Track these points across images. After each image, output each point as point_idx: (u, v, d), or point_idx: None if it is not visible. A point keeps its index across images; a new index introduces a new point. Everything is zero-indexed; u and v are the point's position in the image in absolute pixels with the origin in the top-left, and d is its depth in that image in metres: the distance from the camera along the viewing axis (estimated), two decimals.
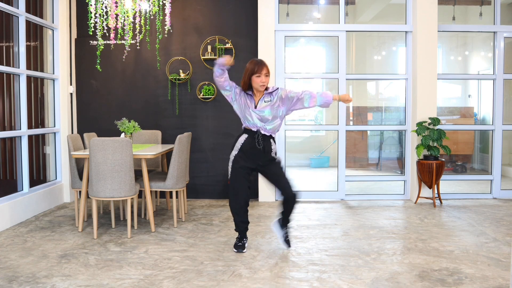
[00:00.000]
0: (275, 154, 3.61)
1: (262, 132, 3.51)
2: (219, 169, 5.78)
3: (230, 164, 3.57)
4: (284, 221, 3.71)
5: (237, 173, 3.52)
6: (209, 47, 5.66)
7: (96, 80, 5.79)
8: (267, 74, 3.48)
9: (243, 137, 3.54)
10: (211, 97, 5.70)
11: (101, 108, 5.80)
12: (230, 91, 3.55)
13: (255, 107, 3.49)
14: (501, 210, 5.14)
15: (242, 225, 3.65)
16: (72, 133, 5.69)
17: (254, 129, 3.52)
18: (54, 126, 5.50)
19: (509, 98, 7.03)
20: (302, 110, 3.61)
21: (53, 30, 5.44)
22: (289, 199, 3.54)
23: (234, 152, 3.55)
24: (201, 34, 5.71)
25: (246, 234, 3.72)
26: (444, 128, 5.58)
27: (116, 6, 4.60)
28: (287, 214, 3.64)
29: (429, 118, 5.39)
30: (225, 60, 3.40)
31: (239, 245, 3.64)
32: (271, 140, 3.57)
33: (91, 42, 5.73)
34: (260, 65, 3.46)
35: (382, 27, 6.27)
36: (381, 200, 5.69)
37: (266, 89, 3.55)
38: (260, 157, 3.53)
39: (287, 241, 3.73)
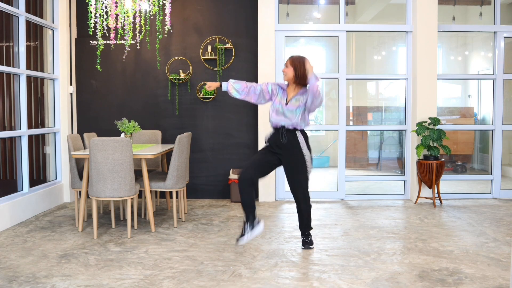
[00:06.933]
0: (306, 147, 3.58)
1: (286, 127, 3.58)
2: (219, 169, 5.78)
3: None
4: (301, 230, 3.73)
5: (258, 154, 3.72)
6: (209, 47, 5.66)
7: (96, 80, 5.79)
8: (287, 65, 3.61)
9: (270, 132, 3.70)
10: (211, 97, 5.70)
11: (101, 108, 5.80)
12: (266, 97, 3.72)
13: (286, 103, 3.58)
14: (501, 210, 5.14)
15: (246, 201, 3.45)
16: (72, 133, 5.69)
17: (279, 127, 3.61)
18: (54, 126, 5.50)
19: (509, 98, 7.03)
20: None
21: (53, 30, 5.44)
22: (298, 202, 3.62)
23: (264, 144, 3.75)
24: (201, 34, 5.71)
25: (251, 218, 3.45)
26: (444, 128, 5.58)
27: (116, 6, 4.60)
28: (301, 222, 3.69)
29: (429, 118, 5.39)
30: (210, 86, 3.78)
31: (240, 235, 3.48)
32: (297, 133, 3.58)
33: (91, 42, 5.73)
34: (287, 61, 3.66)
35: (382, 27, 6.28)
36: (381, 200, 5.69)
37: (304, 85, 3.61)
38: (287, 148, 3.57)
39: (305, 243, 3.69)
